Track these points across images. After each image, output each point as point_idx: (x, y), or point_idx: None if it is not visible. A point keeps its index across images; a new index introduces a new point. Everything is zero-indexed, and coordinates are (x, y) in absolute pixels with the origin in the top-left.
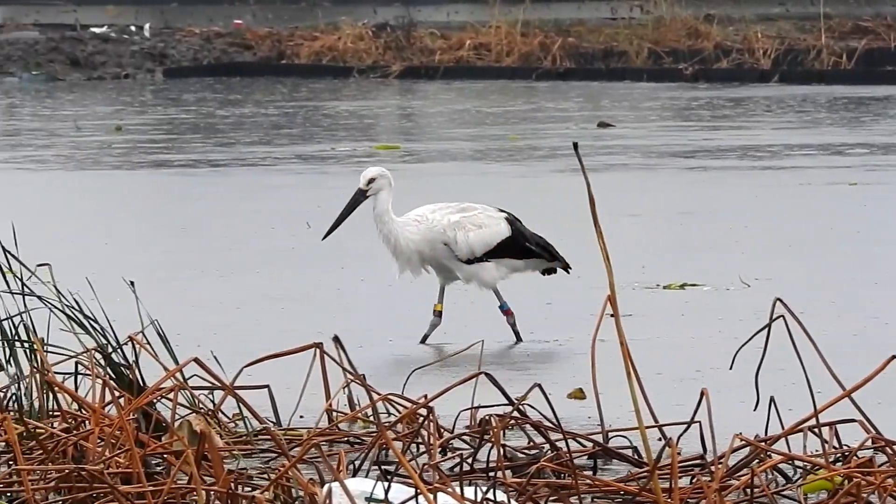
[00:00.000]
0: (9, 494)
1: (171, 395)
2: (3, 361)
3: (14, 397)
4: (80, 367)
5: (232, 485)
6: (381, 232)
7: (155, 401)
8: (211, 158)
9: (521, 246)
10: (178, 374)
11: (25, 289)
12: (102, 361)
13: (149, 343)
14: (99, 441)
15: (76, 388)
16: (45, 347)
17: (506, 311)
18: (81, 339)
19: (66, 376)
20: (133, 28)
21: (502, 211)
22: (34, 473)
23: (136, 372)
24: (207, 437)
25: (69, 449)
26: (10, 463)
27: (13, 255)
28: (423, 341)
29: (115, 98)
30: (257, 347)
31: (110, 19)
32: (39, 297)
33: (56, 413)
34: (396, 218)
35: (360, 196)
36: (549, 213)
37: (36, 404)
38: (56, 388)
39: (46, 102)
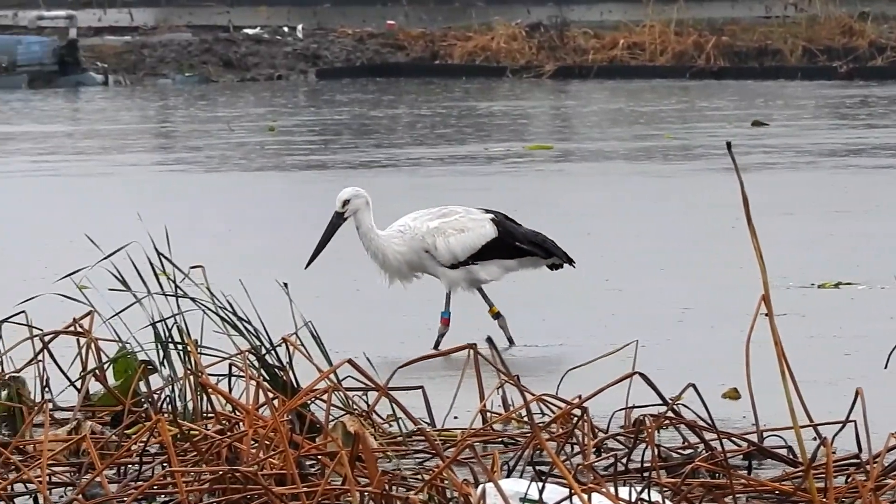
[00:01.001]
0: (163, 496)
1: (324, 397)
2: (158, 363)
3: (168, 399)
4: (233, 368)
5: (386, 486)
6: (368, 249)
7: (309, 402)
8: (364, 159)
9: (510, 246)
10: (331, 376)
11: (179, 291)
12: (256, 363)
13: (302, 344)
14: (253, 442)
15: (230, 390)
16: (198, 349)
17: (452, 315)
18: (235, 341)
19: (220, 378)
20: (286, 29)
21: (489, 211)
22: (188, 475)
23: (290, 373)
24: (361, 438)
25: (223, 450)
26: (165, 465)
27: (167, 258)
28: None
29: (268, 99)
30: (411, 348)
31: (263, 20)
32: (193, 299)
33: (210, 415)
34: (381, 232)
35: (337, 219)
36: (703, 211)
37: (190, 406)
38: (210, 390)
39: (199, 104)
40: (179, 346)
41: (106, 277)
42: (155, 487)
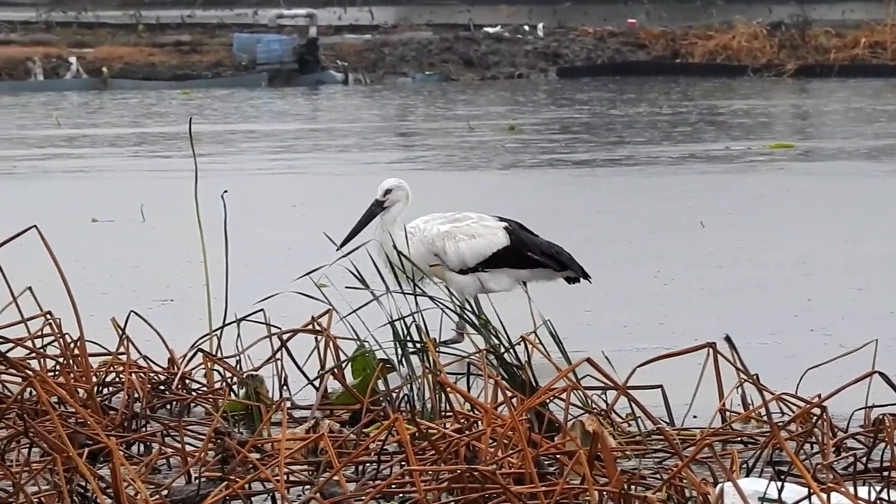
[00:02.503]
0: (401, 495)
1: (563, 396)
2: (396, 362)
3: (406, 398)
4: (472, 367)
5: (624, 485)
6: (377, 238)
7: (547, 401)
8: (604, 157)
9: (522, 256)
10: (570, 375)
11: (417, 289)
12: (494, 361)
13: (541, 343)
14: (491, 441)
15: (468, 389)
16: (437, 348)
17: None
18: (473, 340)
19: (458, 377)
20: (526, 28)
21: (503, 219)
22: (426, 474)
23: (529, 372)
24: (600, 437)
25: (461, 449)
26: (403, 463)
27: (405, 256)
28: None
29: (509, 98)
30: (649, 346)
31: (503, 19)
32: (431, 298)
33: (448, 413)
34: (398, 231)
35: (376, 207)
36: None
37: (428, 405)
38: (448, 389)
39: (439, 103)
40: (418, 345)
41: (344, 275)
42: (392, 486)
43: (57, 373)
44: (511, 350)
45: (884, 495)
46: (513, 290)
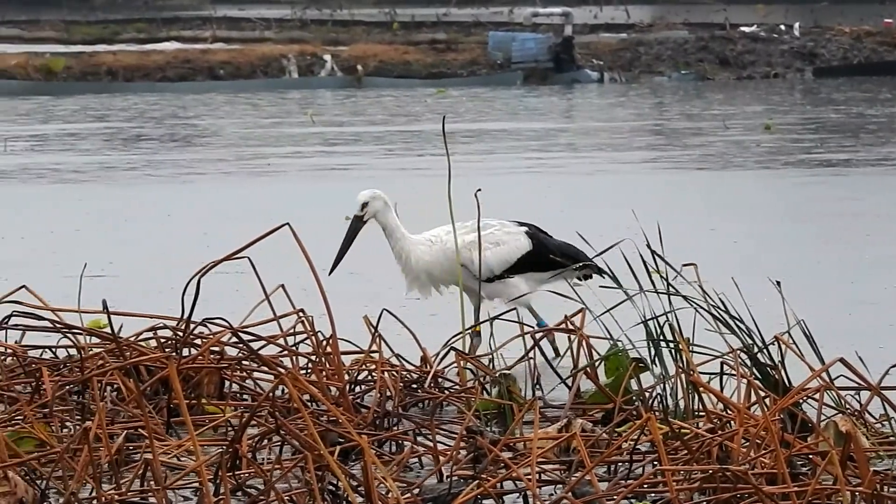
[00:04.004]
0: (652, 495)
1: (816, 396)
2: (649, 361)
3: (659, 397)
4: (725, 367)
5: (877, 486)
6: (393, 249)
7: (800, 401)
8: (861, 158)
9: (544, 258)
10: (823, 375)
11: (671, 289)
12: (748, 361)
13: (795, 343)
14: (743, 441)
15: (721, 389)
16: (690, 347)
17: (542, 327)
18: (727, 339)
19: (711, 376)
20: (782, 27)
21: (522, 224)
22: (678, 473)
23: (782, 372)
24: (853, 437)
25: (713, 449)
26: (655, 463)
27: (659, 255)
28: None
29: (765, 97)
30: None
31: (760, 18)
32: (685, 297)
33: (700, 413)
34: (410, 235)
35: (357, 223)
36: None
37: (681, 404)
38: (701, 389)
39: (694, 102)
40: (671, 344)
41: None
42: (644, 486)
43: (309, 370)
44: (764, 350)
45: None
46: (536, 294)
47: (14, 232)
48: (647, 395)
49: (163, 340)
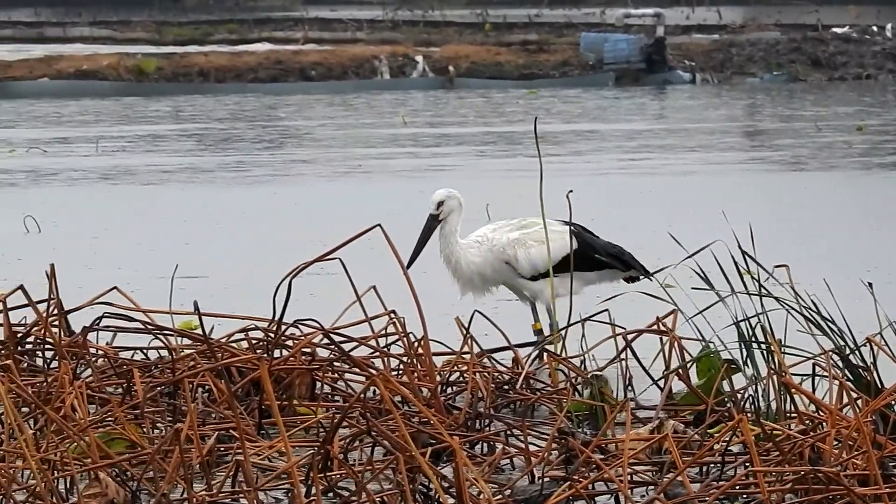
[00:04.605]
0: (744, 496)
1: None
2: (741, 363)
3: (751, 399)
4: (817, 368)
5: None
6: (442, 252)
7: (893, 403)
8: None
9: (589, 258)
10: None
11: (763, 290)
12: (840, 363)
13: (887, 344)
14: (835, 443)
15: (813, 390)
16: (782, 349)
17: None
18: (819, 341)
19: (803, 378)
20: (874, 28)
21: (567, 223)
22: (770, 475)
23: (874, 373)
24: None
25: (805, 451)
26: (747, 464)
27: (751, 257)
28: (537, 357)
29: (857, 99)
30: None
31: (852, 19)
32: (776, 299)
33: (792, 414)
34: (461, 240)
35: (432, 222)
36: None
37: (773, 406)
38: (793, 390)
39: (786, 103)
40: (763, 346)
41: (690, 276)
42: (736, 487)
43: (400, 372)
44: (856, 351)
45: None
46: (580, 294)
47: (106, 232)
48: (738, 396)
49: (254, 342)
